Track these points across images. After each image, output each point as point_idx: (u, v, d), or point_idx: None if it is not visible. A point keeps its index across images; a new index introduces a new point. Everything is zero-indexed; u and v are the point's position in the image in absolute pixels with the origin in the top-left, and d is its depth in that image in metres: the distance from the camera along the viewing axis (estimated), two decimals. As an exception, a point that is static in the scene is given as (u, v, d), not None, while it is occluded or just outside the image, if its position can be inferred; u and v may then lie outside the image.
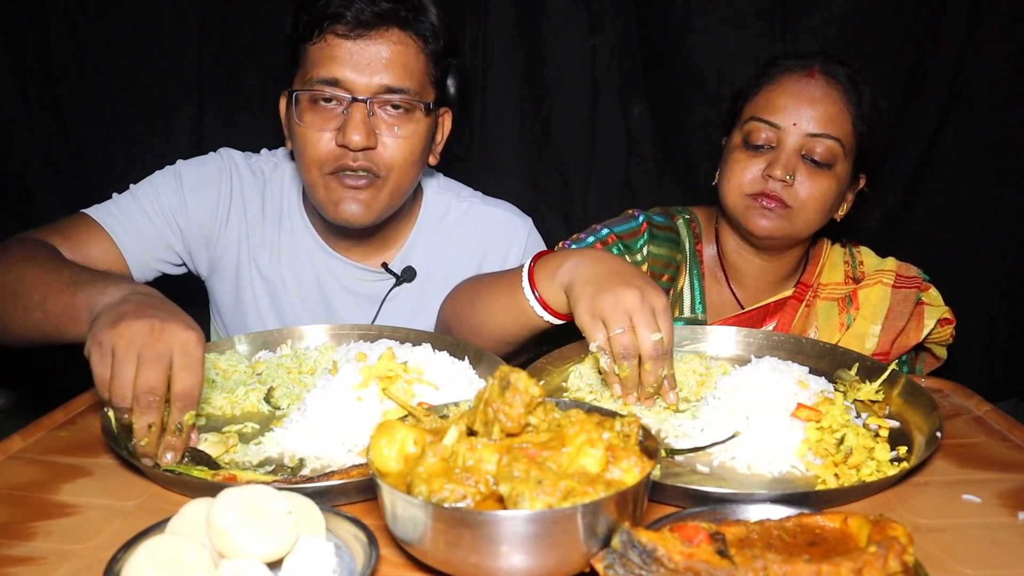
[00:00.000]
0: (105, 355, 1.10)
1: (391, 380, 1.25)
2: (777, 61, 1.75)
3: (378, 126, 1.59)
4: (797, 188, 1.65)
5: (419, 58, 1.62)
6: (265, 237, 1.82)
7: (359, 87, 1.56)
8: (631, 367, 1.26)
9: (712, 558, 0.79)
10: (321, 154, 1.60)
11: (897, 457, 1.16)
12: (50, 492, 1.09)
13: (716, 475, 1.13)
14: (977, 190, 2.31)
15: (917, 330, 1.76)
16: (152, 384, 1.08)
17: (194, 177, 1.77)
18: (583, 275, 1.33)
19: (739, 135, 1.73)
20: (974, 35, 2.17)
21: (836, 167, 1.67)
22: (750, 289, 1.84)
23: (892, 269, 1.81)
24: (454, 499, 0.83)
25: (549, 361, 1.47)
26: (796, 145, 1.65)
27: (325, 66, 1.56)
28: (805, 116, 1.65)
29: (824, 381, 1.33)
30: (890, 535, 0.82)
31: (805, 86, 1.67)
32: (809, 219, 1.69)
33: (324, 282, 1.83)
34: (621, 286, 1.27)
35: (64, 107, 2.31)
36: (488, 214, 1.91)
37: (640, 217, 1.83)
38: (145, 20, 2.26)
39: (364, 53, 1.56)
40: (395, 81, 1.58)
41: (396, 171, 1.63)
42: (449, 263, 1.86)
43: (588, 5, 2.24)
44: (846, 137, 1.67)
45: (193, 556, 0.81)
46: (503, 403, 0.90)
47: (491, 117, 2.32)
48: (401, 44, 1.59)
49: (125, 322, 1.10)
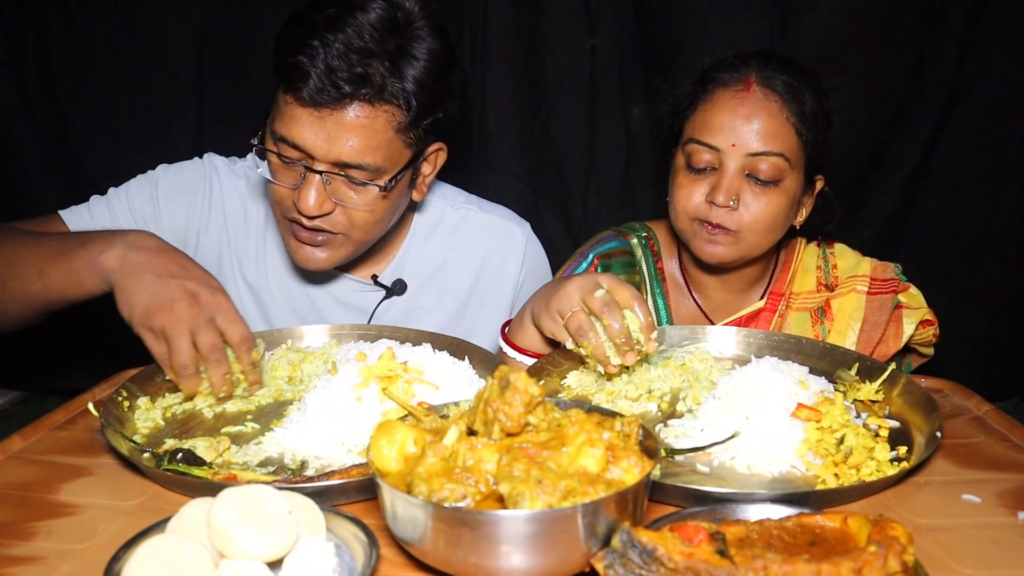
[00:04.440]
0: (159, 337, 1.30)
1: (391, 380, 1.25)
2: (710, 75, 1.65)
3: (336, 191, 1.50)
4: (742, 211, 1.58)
5: (386, 130, 1.47)
6: (250, 245, 1.78)
7: (317, 155, 1.46)
8: (592, 341, 1.33)
9: (712, 558, 0.79)
10: (282, 200, 1.55)
11: (897, 457, 1.16)
12: (50, 492, 1.09)
13: (716, 475, 1.13)
14: (977, 190, 2.31)
15: (896, 337, 1.70)
16: (213, 342, 1.30)
17: (169, 186, 1.73)
18: (538, 301, 1.46)
19: (681, 156, 1.65)
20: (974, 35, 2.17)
21: (784, 182, 1.59)
22: (716, 301, 1.79)
23: (866, 274, 1.74)
24: (454, 499, 0.83)
25: (549, 361, 1.47)
26: (738, 166, 1.57)
27: (287, 125, 1.46)
28: (744, 135, 1.56)
29: (824, 381, 1.32)
30: (890, 535, 0.82)
31: (741, 101, 1.57)
32: (759, 239, 1.62)
33: (312, 293, 1.79)
34: (564, 283, 1.39)
35: (64, 107, 2.32)
36: (484, 222, 1.86)
37: (589, 255, 1.79)
38: (145, 20, 2.26)
39: (324, 124, 1.44)
40: (354, 158, 1.46)
41: (358, 230, 1.56)
42: (444, 274, 1.83)
43: (587, 5, 2.24)
44: (790, 150, 1.58)
45: (193, 556, 0.81)
46: (503, 403, 0.90)
47: (490, 118, 2.32)
48: (365, 118, 1.44)
49: (164, 302, 1.29)
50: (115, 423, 1.24)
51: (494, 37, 2.25)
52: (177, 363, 1.29)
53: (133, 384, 1.37)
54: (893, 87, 2.21)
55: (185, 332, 1.28)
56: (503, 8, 2.24)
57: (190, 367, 1.30)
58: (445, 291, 1.83)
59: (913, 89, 2.22)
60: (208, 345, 1.29)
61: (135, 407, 1.34)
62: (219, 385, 1.32)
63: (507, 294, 1.87)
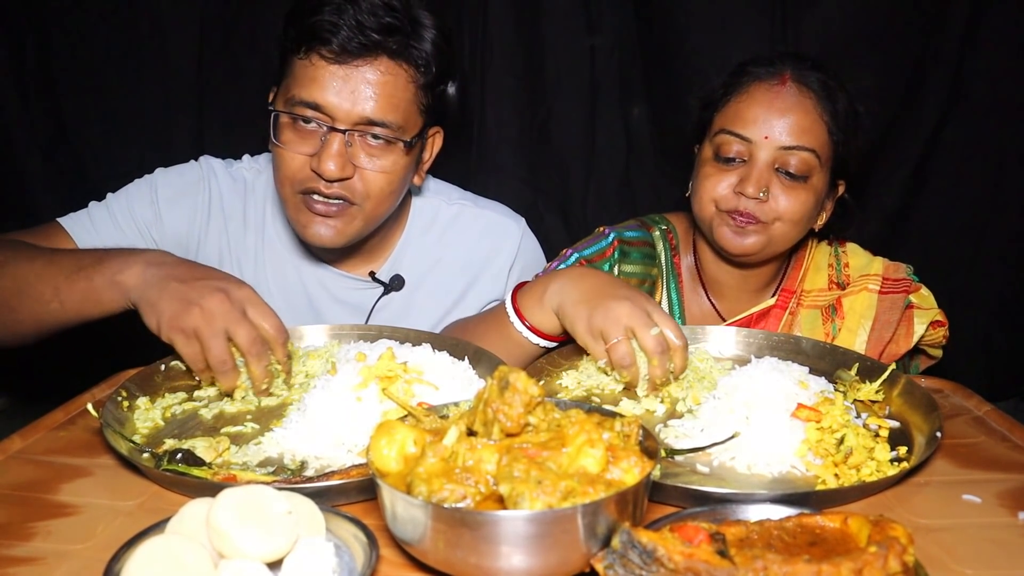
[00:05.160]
0: (190, 338, 1.27)
1: (391, 380, 1.25)
2: (746, 68, 1.67)
3: (356, 155, 1.53)
4: (771, 204, 1.59)
5: (408, 89, 1.54)
6: (248, 246, 1.78)
7: (340, 115, 1.49)
8: (630, 372, 1.32)
9: (712, 558, 0.79)
10: (295, 174, 1.55)
11: (897, 457, 1.16)
12: (50, 492, 1.09)
13: (716, 475, 1.13)
14: (977, 190, 2.31)
15: (907, 337, 1.70)
16: (253, 335, 1.28)
17: (170, 189, 1.73)
18: (571, 296, 1.39)
19: (709, 147, 1.66)
20: (974, 35, 2.17)
21: (812, 179, 1.61)
22: (730, 299, 1.80)
23: (879, 273, 1.74)
24: (454, 499, 0.83)
25: (549, 361, 1.47)
26: (769, 159, 1.59)
27: (307, 87, 1.50)
28: (777, 128, 1.58)
29: (824, 381, 1.32)
30: (890, 535, 0.82)
31: (776, 95, 1.60)
32: (786, 233, 1.63)
33: (311, 291, 1.80)
34: (610, 299, 1.34)
35: (64, 107, 2.32)
36: (479, 217, 1.87)
37: (611, 235, 1.78)
38: (145, 20, 2.26)
39: (349, 80, 1.48)
40: (378, 114, 1.51)
41: (372, 200, 1.58)
42: (440, 269, 1.83)
43: (587, 5, 2.24)
44: (821, 147, 1.60)
45: (193, 556, 0.81)
46: (502, 403, 0.90)
47: (490, 117, 2.32)
48: (389, 74, 1.51)
49: (194, 303, 1.26)
50: (115, 423, 1.24)
51: (494, 37, 2.25)
52: (216, 359, 1.28)
53: (132, 384, 1.37)
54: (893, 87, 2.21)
55: (220, 329, 1.27)
56: (503, 8, 2.24)
57: (229, 362, 1.29)
58: (441, 286, 1.83)
59: (913, 89, 2.22)
60: (249, 338, 1.28)
61: (135, 407, 1.33)
62: (261, 377, 1.32)
63: (502, 289, 1.87)
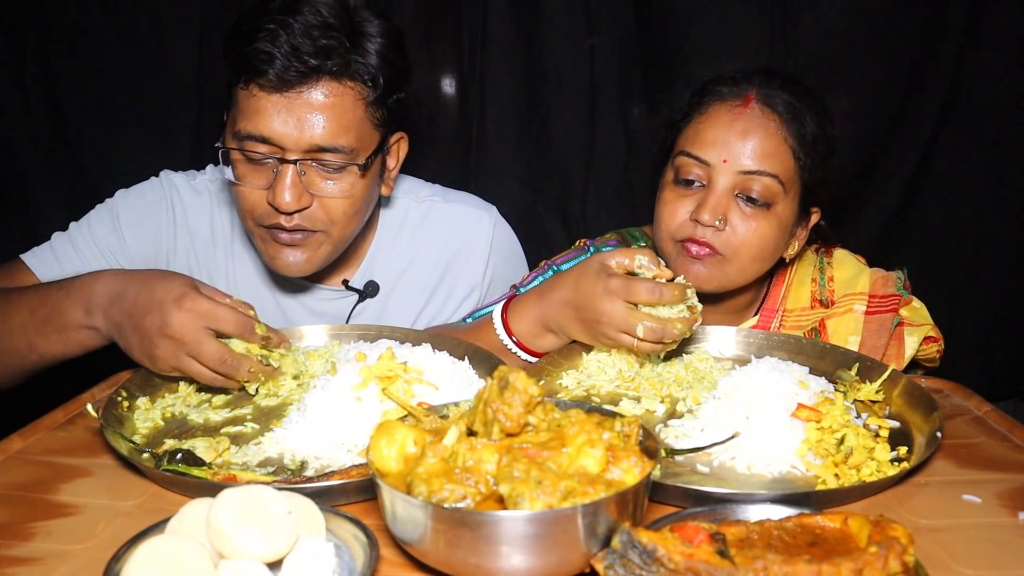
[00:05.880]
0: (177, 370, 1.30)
1: (391, 380, 1.25)
2: (709, 87, 1.58)
3: (312, 183, 1.48)
4: (729, 233, 1.50)
5: (356, 107, 1.48)
6: (218, 260, 1.76)
7: (288, 145, 1.44)
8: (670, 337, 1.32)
9: (712, 558, 0.79)
10: (254, 208, 1.52)
11: (897, 457, 1.16)
12: (50, 492, 1.09)
13: (716, 475, 1.13)
14: (977, 190, 2.31)
15: (898, 357, 1.62)
16: (215, 356, 1.27)
17: (131, 213, 1.70)
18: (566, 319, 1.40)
19: (671, 171, 1.58)
20: (974, 35, 2.17)
21: (776, 206, 1.51)
22: (709, 319, 1.71)
23: (865, 291, 1.66)
24: (454, 499, 0.83)
25: (549, 361, 1.47)
26: (728, 184, 1.50)
27: (252, 120, 1.44)
28: (737, 151, 1.49)
29: (824, 381, 1.32)
30: (890, 535, 0.82)
31: (737, 117, 1.51)
32: (744, 267, 1.54)
33: (286, 305, 1.78)
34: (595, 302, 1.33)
35: (64, 107, 2.32)
36: (450, 212, 1.85)
37: (590, 249, 1.75)
38: (145, 20, 2.26)
39: (293, 109, 1.42)
40: (328, 140, 1.45)
41: (338, 225, 1.55)
42: (414, 270, 1.82)
43: (587, 5, 2.24)
44: (785, 173, 1.50)
45: (193, 556, 0.81)
46: (502, 403, 0.90)
47: (489, 117, 2.32)
48: (334, 96, 1.44)
49: (156, 356, 1.28)
50: (114, 423, 1.24)
51: (494, 37, 2.25)
52: (208, 382, 1.31)
53: (132, 384, 1.37)
54: (893, 87, 2.21)
55: (187, 362, 1.28)
56: (503, 8, 2.24)
57: (219, 377, 1.30)
58: (416, 286, 1.82)
59: (913, 89, 2.22)
60: (214, 361, 1.28)
61: (134, 407, 1.34)
62: (254, 377, 1.32)
63: (476, 279, 1.86)
